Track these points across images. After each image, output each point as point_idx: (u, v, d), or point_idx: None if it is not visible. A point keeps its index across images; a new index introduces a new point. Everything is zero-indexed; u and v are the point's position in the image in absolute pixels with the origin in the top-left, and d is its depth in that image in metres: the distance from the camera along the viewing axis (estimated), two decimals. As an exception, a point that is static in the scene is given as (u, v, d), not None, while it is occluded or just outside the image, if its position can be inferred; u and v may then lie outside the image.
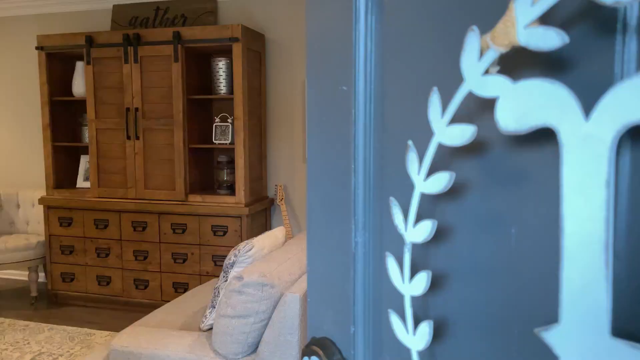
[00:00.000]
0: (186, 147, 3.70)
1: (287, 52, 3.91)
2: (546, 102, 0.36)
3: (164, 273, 3.81)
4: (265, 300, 1.85)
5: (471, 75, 0.41)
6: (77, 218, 3.96)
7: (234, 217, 3.62)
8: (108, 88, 3.83)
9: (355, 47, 0.57)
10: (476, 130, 0.42)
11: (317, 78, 0.63)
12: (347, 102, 0.58)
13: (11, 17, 4.52)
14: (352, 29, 0.57)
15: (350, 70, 0.58)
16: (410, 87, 0.54)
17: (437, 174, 0.45)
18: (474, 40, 0.40)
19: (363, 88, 0.57)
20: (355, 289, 0.60)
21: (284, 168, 4.01)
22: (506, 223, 0.47)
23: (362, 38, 0.56)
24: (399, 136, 0.55)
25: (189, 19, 3.97)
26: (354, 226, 0.59)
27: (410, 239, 0.48)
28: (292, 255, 2.18)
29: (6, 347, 3.23)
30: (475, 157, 0.48)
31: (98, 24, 4.28)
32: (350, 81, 0.58)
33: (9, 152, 4.66)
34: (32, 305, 4.02)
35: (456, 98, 0.43)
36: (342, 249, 0.60)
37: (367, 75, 0.57)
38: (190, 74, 3.76)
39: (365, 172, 0.58)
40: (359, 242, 0.59)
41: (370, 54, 0.57)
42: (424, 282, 0.47)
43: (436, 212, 0.52)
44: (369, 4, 0.56)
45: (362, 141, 0.57)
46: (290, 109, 3.95)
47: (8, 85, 4.61)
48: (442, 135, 0.44)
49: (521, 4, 0.36)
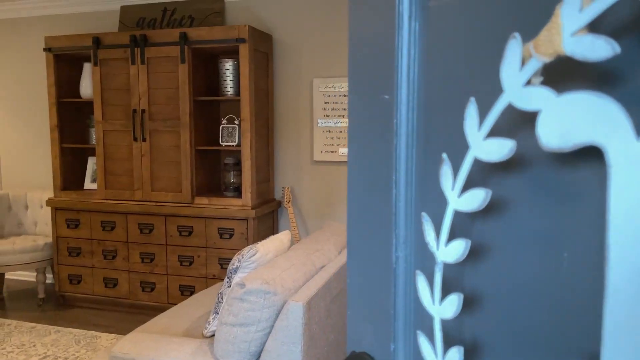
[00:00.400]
0: (193, 148, 3.67)
1: (295, 53, 3.86)
2: (593, 118, 0.32)
3: (170, 275, 3.78)
4: (267, 308, 1.81)
5: (511, 86, 0.38)
6: (84, 220, 3.95)
7: (241, 219, 3.58)
8: (115, 89, 3.82)
9: (397, 54, 0.55)
10: (515, 145, 0.39)
11: (358, 86, 0.61)
12: (388, 111, 0.57)
13: (19, 18, 4.53)
14: (395, 35, 0.55)
15: (392, 78, 0.56)
16: (448, 97, 0.52)
17: (472, 191, 0.43)
18: (516, 48, 0.37)
19: (405, 97, 0.55)
20: (395, 305, 0.58)
21: (291, 170, 3.97)
22: (552, 245, 0.43)
23: (405, 45, 0.54)
24: (438, 148, 0.53)
25: (196, 19, 3.94)
26: (394, 240, 0.57)
27: (442, 258, 0.46)
28: (296, 261, 2.13)
29: (12, 350, 3.23)
30: (515, 174, 0.45)
31: (106, 25, 4.27)
32: (392, 90, 0.56)
33: (17, 153, 4.67)
34: (39, 307, 4.02)
35: (494, 110, 0.40)
36: (383, 263, 0.59)
37: (410, 83, 0.55)
38: (197, 75, 3.73)
39: (407, 184, 0.56)
40: (400, 257, 0.57)
41: (413, 62, 0.55)
42: (455, 305, 0.45)
43: (472, 230, 0.49)
44: (412, 10, 0.54)
45: (403, 152, 0.56)
46: (298, 110, 3.90)
47: (17, 86, 4.62)
48: (479, 149, 0.42)
49: (568, 9, 0.33)
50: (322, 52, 3.80)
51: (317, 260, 2.26)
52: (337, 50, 3.77)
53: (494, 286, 0.48)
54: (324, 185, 3.90)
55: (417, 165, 0.55)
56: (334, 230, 2.72)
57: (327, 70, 3.80)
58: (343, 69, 3.76)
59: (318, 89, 3.80)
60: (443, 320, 0.47)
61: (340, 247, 2.55)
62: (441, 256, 0.46)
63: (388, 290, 0.58)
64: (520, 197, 0.45)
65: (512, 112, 0.39)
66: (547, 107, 0.35)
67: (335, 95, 3.77)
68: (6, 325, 3.61)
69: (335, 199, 3.88)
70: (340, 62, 3.77)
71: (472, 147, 0.42)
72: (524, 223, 0.45)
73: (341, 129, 3.78)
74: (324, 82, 3.78)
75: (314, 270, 2.18)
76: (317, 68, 3.82)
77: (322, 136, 3.83)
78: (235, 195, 3.71)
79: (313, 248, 2.36)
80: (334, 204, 3.88)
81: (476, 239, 0.47)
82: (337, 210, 3.88)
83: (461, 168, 0.43)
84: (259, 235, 3.67)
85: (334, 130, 3.80)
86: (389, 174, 0.57)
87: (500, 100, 0.39)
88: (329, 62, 3.79)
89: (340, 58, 3.76)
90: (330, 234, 2.64)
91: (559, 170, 0.41)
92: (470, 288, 0.50)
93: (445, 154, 0.46)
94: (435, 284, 0.47)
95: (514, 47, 0.37)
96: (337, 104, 3.77)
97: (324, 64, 3.80)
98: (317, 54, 3.81)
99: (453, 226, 0.45)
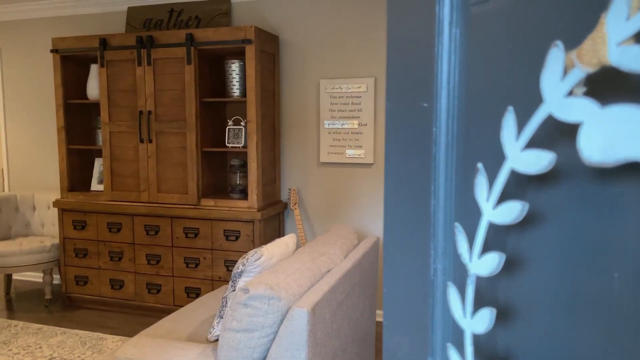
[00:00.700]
0: (199, 150, 3.66)
1: (302, 54, 3.83)
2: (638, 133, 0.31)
3: (176, 277, 3.77)
4: (271, 314, 1.78)
5: (552, 96, 0.37)
6: (91, 221, 3.95)
7: (247, 221, 3.56)
8: (121, 91, 3.81)
9: (437, 61, 0.54)
10: (555, 158, 0.38)
11: (396, 93, 0.60)
12: (427, 119, 0.55)
13: (27, 20, 4.54)
14: (435, 42, 0.54)
15: (431, 86, 0.54)
16: (486, 105, 0.51)
17: (508, 203, 0.42)
18: (558, 57, 0.36)
19: (445, 105, 0.54)
20: (433, 318, 0.56)
21: (297, 172, 3.94)
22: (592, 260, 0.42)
23: (446, 52, 0.53)
24: (474, 158, 0.52)
25: (202, 20, 3.93)
26: (433, 252, 0.56)
27: (475, 271, 0.45)
28: (301, 265, 2.10)
29: (18, 351, 3.23)
30: (553, 186, 0.44)
31: (113, 27, 4.27)
32: (431, 98, 0.55)
33: (25, 154, 4.69)
34: (46, 308, 4.03)
35: (534, 120, 0.39)
36: (421, 274, 0.58)
37: (450, 91, 0.53)
38: (203, 76, 3.71)
39: (446, 195, 0.55)
40: (438, 268, 0.56)
41: (453, 69, 0.53)
42: (487, 319, 0.44)
43: (506, 242, 0.48)
44: (453, 16, 0.52)
45: (443, 162, 0.54)
46: (305, 111, 3.87)
47: (24, 87, 4.64)
48: (516, 160, 0.41)
49: (614, 18, 0.32)
50: (329, 53, 3.77)
51: (323, 264, 2.23)
52: (344, 51, 3.74)
53: (529, 301, 0.47)
54: (330, 187, 3.86)
55: (457, 175, 0.55)
56: (340, 234, 2.69)
57: (334, 71, 3.77)
58: (350, 70, 3.73)
59: (325, 90, 3.77)
60: (474, 334, 0.46)
61: (346, 251, 2.52)
62: (474, 268, 0.45)
63: (426, 302, 0.57)
64: (558, 210, 0.44)
65: (552, 123, 0.38)
66: (589, 120, 0.34)
67: (342, 96, 3.74)
68: (13, 327, 3.62)
69: (342, 201, 3.85)
70: (347, 63, 3.74)
71: (509, 158, 0.41)
72: (562, 237, 0.44)
73: (348, 131, 3.75)
74: (331, 83, 3.75)
75: (320, 275, 2.15)
76: (324, 69, 3.79)
77: (329, 138, 3.80)
78: (241, 197, 3.69)
79: (319, 252, 2.33)
80: (341, 205, 3.85)
81: (511, 251, 0.46)
82: (344, 212, 3.85)
83: (497, 179, 0.43)
84: (265, 237, 3.65)
85: (340, 131, 3.77)
86: (427, 184, 0.56)
87: (540, 110, 0.38)
88: (336, 63, 3.76)
89: (347, 59, 3.73)
90: (336, 237, 2.61)
91: (601, 184, 0.40)
92: (504, 302, 0.48)
93: (481, 164, 0.45)
94: (467, 297, 0.46)
95: (555, 56, 0.36)
96: (344, 105, 3.74)
97: (331, 64, 3.77)
98: (324, 54, 3.78)
99: (487, 238, 0.44)
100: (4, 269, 3.92)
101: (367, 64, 3.69)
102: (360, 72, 3.71)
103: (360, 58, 3.70)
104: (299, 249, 2.41)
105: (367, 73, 3.69)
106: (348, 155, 3.77)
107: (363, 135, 3.72)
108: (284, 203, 3.95)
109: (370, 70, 3.68)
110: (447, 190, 0.55)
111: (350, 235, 2.72)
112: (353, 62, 3.72)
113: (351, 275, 2.28)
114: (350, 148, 3.76)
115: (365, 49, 3.68)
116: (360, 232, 3.83)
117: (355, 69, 3.72)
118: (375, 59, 3.66)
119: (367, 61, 3.69)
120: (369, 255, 2.63)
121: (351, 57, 3.72)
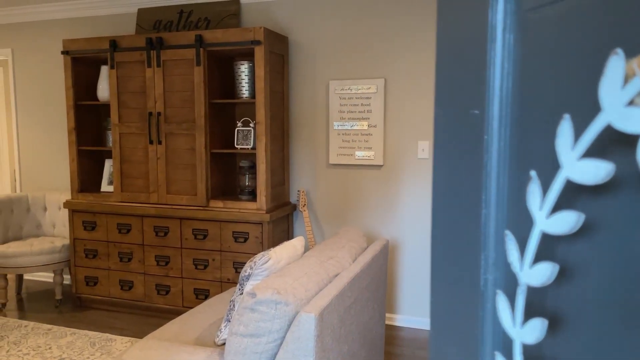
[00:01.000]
0: (208, 151, 3.65)
1: (311, 54, 3.81)
2: None
3: (185, 279, 3.77)
4: (278, 319, 1.76)
5: (611, 105, 0.36)
6: (101, 222, 3.96)
7: (255, 223, 3.55)
8: (131, 92, 3.82)
9: (489, 67, 0.53)
10: (613, 169, 0.37)
11: (445, 100, 0.60)
12: (478, 127, 0.55)
13: (38, 21, 4.58)
14: (487, 48, 0.53)
15: (483, 92, 0.54)
16: (541, 113, 0.50)
17: (563, 213, 0.41)
18: (618, 65, 0.35)
19: (498, 112, 0.53)
20: (483, 330, 0.55)
21: (306, 173, 3.92)
22: None
23: (498, 58, 0.52)
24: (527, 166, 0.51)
25: (212, 21, 3.92)
26: (483, 262, 0.55)
27: (526, 280, 0.44)
28: (309, 269, 2.08)
29: (28, 352, 3.25)
30: (611, 197, 0.43)
31: (124, 28, 4.29)
32: (482, 104, 0.54)
33: (36, 155, 4.72)
34: (56, 308, 4.05)
35: (592, 129, 0.38)
36: (470, 285, 0.57)
37: (502, 98, 0.53)
38: (212, 77, 3.71)
39: (497, 204, 0.54)
40: (489, 279, 0.55)
41: (507, 76, 0.52)
42: (538, 330, 0.43)
43: (559, 252, 0.47)
44: (507, 21, 0.52)
45: (495, 170, 0.53)
46: (314, 112, 3.85)
47: (35, 89, 4.67)
48: (572, 169, 0.40)
49: None
50: (339, 53, 3.74)
51: (331, 268, 2.21)
52: (353, 51, 3.71)
53: (579, 311, 0.46)
54: (339, 189, 3.84)
55: (510, 184, 0.54)
56: (349, 237, 2.66)
57: (344, 72, 3.74)
58: (359, 70, 3.70)
59: (334, 91, 3.75)
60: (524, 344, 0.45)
61: (355, 255, 2.49)
62: (525, 278, 0.45)
63: (475, 313, 0.57)
64: (612, 220, 0.43)
65: (610, 133, 0.38)
66: None
67: (352, 97, 3.71)
68: (23, 327, 3.64)
69: (351, 203, 3.82)
70: (356, 64, 3.71)
71: (565, 167, 0.41)
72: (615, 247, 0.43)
73: (357, 132, 3.72)
74: (340, 84, 3.72)
75: (328, 279, 2.12)
76: (333, 70, 3.76)
77: (338, 139, 3.78)
78: (250, 199, 3.68)
79: (327, 255, 2.30)
80: (350, 207, 3.82)
81: (561, 260, 0.46)
82: (353, 214, 3.82)
83: (551, 188, 0.42)
84: (273, 239, 3.63)
85: (350, 133, 3.74)
86: (477, 193, 0.55)
87: (598, 119, 0.37)
88: (346, 63, 3.73)
89: (356, 60, 3.70)
90: (345, 240, 2.59)
91: None
92: (553, 311, 0.48)
93: (534, 172, 0.44)
94: (517, 307, 0.46)
95: (615, 64, 0.36)
96: (354, 107, 3.71)
97: (341, 65, 3.75)
98: (334, 55, 3.76)
99: (539, 247, 0.44)
100: (16, 269, 3.94)
101: (377, 65, 3.66)
102: (370, 73, 3.68)
103: (370, 59, 3.67)
104: (307, 252, 2.39)
105: (377, 74, 3.66)
106: (357, 157, 3.74)
107: (373, 136, 3.69)
108: (293, 205, 3.93)
109: (380, 71, 3.65)
110: (498, 199, 0.54)
111: (359, 238, 2.70)
112: (363, 63, 3.69)
113: (360, 279, 2.26)
114: (360, 149, 3.73)
115: (375, 49, 3.65)
116: (369, 235, 3.80)
117: (365, 70, 3.69)
118: (386, 59, 3.63)
119: (377, 62, 3.66)
120: (378, 258, 2.60)
121: (361, 57, 3.69)
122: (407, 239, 3.70)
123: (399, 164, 3.67)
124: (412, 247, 3.69)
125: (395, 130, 3.66)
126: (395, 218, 3.71)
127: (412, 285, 3.72)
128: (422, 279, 3.69)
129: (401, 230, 3.71)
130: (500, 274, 0.54)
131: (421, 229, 3.66)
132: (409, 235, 3.69)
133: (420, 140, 3.60)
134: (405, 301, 3.75)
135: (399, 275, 3.75)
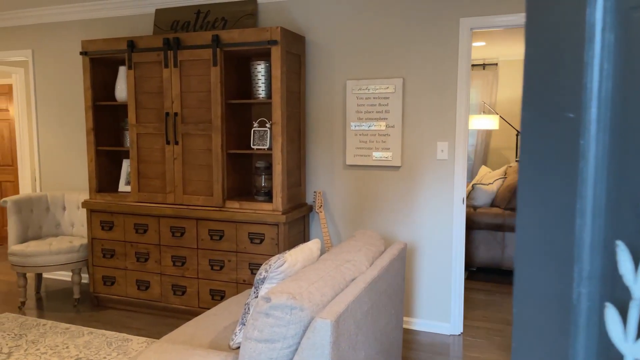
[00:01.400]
0: (224, 152, 3.63)
1: (328, 54, 3.77)
2: None
3: (201, 279, 3.76)
4: (293, 324, 1.72)
5: None
6: (118, 222, 3.98)
7: (271, 224, 3.52)
8: (148, 93, 3.82)
9: (587, 69, 0.50)
10: None
11: (535, 102, 0.57)
12: (573, 131, 0.52)
13: (57, 22, 4.62)
14: (584, 48, 0.50)
15: (579, 95, 0.51)
16: None
17: None
18: None
19: (596, 116, 0.50)
20: (575, 346, 0.53)
21: (323, 174, 3.88)
22: None
23: (597, 59, 0.50)
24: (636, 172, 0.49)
25: (229, 21, 3.91)
26: (576, 275, 0.53)
27: None
28: (325, 273, 2.04)
29: (46, 351, 3.27)
30: None
31: (142, 29, 4.30)
32: (579, 108, 0.51)
33: (55, 156, 4.77)
34: (74, 307, 4.08)
35: None
36: (560, 298, 0.55)
37: (601, 101, 0.50)
38: (229, 78, 3.69)
39: (594, 213, 0.51)
40: (582, 293, 0.52)
41: (606, 78, 0.50)
42: None
43: None
44: (606, 20, 0.49)
45: (592, 177, 0.51)
46: (331, 112, 3.81)
47: (55, 89, 4.71)
48: None
49: None
50: (356, 53, 3.69)
51: (348, 272, 2.16)
52: (370, 51, 3.65)
53: None
54: (356, 190, 3.79)
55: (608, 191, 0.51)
56: (366, 240, 2.61)
57: (361, 71, 3.69)
58: (377, 70, 3.65)
59: (351, 91, 3.70)
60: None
61: (372, 259, 2.44)
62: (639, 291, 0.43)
63: (566, 329, 0.54)
64: None
65: None
66: None
67: (369, 97, 3.66)
68: (41, 326, 3.67)
69: (368, 205, 3.76)
70: (374, 64, 3.65)
71: None
72: None
73: (375, 133, 3.67)
74: (358, 84, 3.67)
75: (344, 284, 2.08)
76: (351, 70, 3.72)
77: (355, 140, 3.73)
78: (266, 200, 3.66)
79: (343, 259, 2.26)
80: (367, 209, 3.77)
81: None
82: (370, 216, 3.77)
83: None
84: (289, 240, 3.60)
85: (367, 133, 3.69)
86: (570, 201, 0.53)
87: None
88: (363, 63, 3.68)
89: (374, 59, 3.65)
90: (362, 243, 2.54)
91: None
92: None
93: None
94: (629, 321, 0.44)
95: None
96: (371, 107, 3.66)
97: (358, 65, 3.70)
98: (351, 55, 3.71)
99: None
100: (35, 268, 3.98)
101: (395, 65, 3.60)
102: (387, 73, 3.62)
103: (387, 58, 3.61)
104: (323, 255, 2.35)
105: (395, 74, 3.60)
106: (375, 158, 3.69)
107: (390, 137, 3.63)
108: (309, 206, 3.89)
109: (398, 70, 3.59)
110: (595, 208, 0.51)
111: (376, 241, 2.65)
112: (380, 63, 3.64)
113: (377, 284, 2.21)
114: (377, 150, 3.68)
115: (393, 49, 3.59)
116: (386, 238, 3.75)
117: (382, 70, 3.63)
118: (404, 59, 3.57)
119: (395, 61, 3.60)
120: (396, 262, 2.55)
121: (378, 57, 3.64)
122: (425, 242, 3.63)
123: (418, 165, 3.61)
124: (430, 250, 3.62)
125: (413, 131, 3.60)
126: (413, 220, 3.65)
127: (431, 289, 3.65)
128: (441, 282, 3.62)
129: (419, 233, 3.64)
130: (595, 288, 0.51)
131: (440, 231, 3.59)
132: (428, 238, 3.62)
133: (440, 141, 3.53)
134: (423, 305, 3.68)
135: (417, 279, 3.68)
